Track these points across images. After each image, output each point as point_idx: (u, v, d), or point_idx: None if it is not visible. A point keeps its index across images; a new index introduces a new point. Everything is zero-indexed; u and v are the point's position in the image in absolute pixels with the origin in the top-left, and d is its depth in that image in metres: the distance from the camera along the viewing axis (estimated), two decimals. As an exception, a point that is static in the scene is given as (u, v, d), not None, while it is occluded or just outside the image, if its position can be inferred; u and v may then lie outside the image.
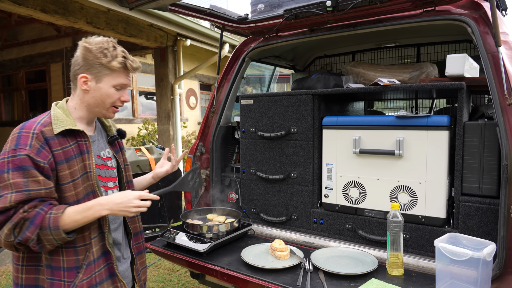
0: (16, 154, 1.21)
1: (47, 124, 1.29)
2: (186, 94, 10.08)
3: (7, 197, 1.19)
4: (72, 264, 1.30)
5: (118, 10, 5.04)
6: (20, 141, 1.23)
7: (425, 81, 2.04)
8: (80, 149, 1.35)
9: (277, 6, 2.36)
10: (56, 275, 1.28)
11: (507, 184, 1.50)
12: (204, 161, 2.61)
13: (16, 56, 8.53)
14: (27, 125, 1.28)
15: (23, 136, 1.24)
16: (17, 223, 1.19)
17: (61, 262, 1.29)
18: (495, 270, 1.51)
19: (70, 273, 1.29)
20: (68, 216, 1.24)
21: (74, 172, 1.31)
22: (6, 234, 1.20)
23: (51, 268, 1.29)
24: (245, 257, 1.84)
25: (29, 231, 1.20)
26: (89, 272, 1.33)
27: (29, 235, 1.20)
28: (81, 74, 1.34)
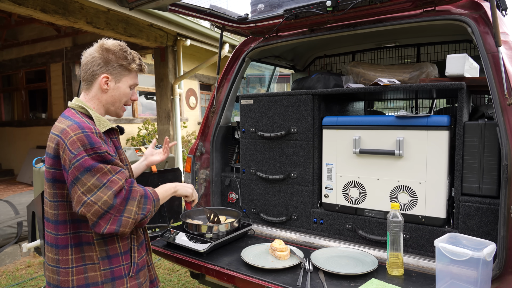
0: (96, 151, 1.27)
1: (94, 124, 1.37)
2: (186, 94, 10.08)
3: (115, 179, 1.28)
4: (126, 248, 1.41)
5: (118, 10, 5.04)
6: (92, 139, 1.28)
7: (425, 81, 2.04)
8: (115, 145, 1.46)
9: (277, 6, 2.36)
10: (114, 263, 1.37)
11: (507, 184, 1.50)
12: (204, 161, 2.61)
13: (16, 56, 8.52)
14: (84, 126, 1.30)
15: (91, 135, 1.29)
16: (138, 199, 1.32)
17: (118, 249, 1.38)
18: (495, 270, 1.51)
19: (126, 256, 1.41)
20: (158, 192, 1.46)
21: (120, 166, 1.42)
22: (134, 212, 1.30)
23: (108, 258, 1.36)
24: (245, 257, 1.84)
25: (148, 204, 1.36)
26: (144, 249, 1.51)
27: (149, 207, 1.36)
28: (103, 74, 1.42)
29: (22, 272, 3.67)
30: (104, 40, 1.45)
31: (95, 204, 1.23)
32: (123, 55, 1.44)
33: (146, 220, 1.37)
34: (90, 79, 1.43)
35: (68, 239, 1.34)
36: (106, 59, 1.42)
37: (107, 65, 1.42)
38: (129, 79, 1.48)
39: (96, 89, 1.44)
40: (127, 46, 1.49)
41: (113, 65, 1.43)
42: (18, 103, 8.97)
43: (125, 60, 1.44)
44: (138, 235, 1.48)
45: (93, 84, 1.43)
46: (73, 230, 1.34)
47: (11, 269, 3.74)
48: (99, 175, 1.26)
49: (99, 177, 1.26)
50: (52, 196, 1.35)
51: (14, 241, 3.94)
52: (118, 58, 1.43)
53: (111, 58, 1.42)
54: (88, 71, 1.42)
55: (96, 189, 1.24)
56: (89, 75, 1.43)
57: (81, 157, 1.25)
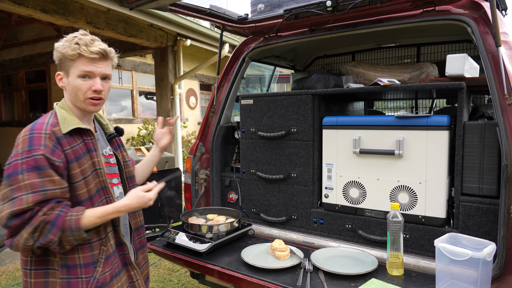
0: (31, 154, 1.21)
1: (55, 124, 1.30)
2: (186, 94, 10.08)
3: (22, 199, 1.18)
4: (88, 260, 1.32)
5: (118, 10, 5.04)
6: (34, 141, 1.23)
7: (425, 81, 2.04)
8: (87, 147, 1.37)
9: (277, 6, 2.36)
10: (72, 273, 1.29)
11: (507, 184, 1.50)
12: (204, 161, 2.61)
13: (16, 56, 8.52)
14: (36, 127, 1.27)
15: (35, 137, 1.24)
16: (37, 227, 1.19)
17: (77, 260, 1.30)
18: (495, 270, 1.51)
19: (87, 269, 1.31)
20: (88, 219, 1.27)
21: (84, 170, 1.33)
22: (25, 238, 1.19)
23: (67, 267, 1.29)
24: (245, 257, 1.84)
25: (52, 234, 1.20)
26: (110, 264, 1.37)
27: (51, 237, 1.20)
28: (57, 72, 1.38)
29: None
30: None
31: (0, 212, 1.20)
32: (64, 44, 1.33)
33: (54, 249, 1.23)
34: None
35: None
36: (56, 55, 1.36)
37: (59, 61, 1.36)
38: (74, 69, 1.33)
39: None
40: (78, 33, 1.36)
41: (60, 59, 1.35)
42: (18, 103, 8.97)
43: (63, 48, 1.32)
44: (108, 247, 1.38)
45: None
46: None
47: (11, 269, 3.74)
48: (14, 187, 1.19)
49: (13, 189, 1.19)
50: None
51: (14, 241, 3.94)
52: (59, 51, 1.34)
53: (56, 53, 1.35)
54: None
55: (5, 200, 1.19)
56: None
57: (13, 161, 1.22)
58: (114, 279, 1.39)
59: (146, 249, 1.68)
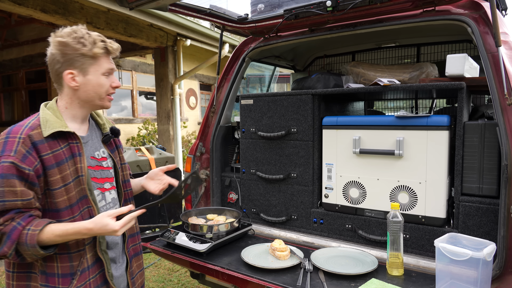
0: (1, 160, 1.15)
1: (35, 127, 1.23)
2: (186, 94, 10.08)
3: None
4: (66, 271, 1.25)
5: (118, 10, 5.04)
6: (6, 147, 1.17)
7: (425, 81, 2.04)
8: (71, 151, 1.28)
9: (277, 6, 2.36)
10: (50, 282, 1.24)
11: (507, 184, 1.50)
12: (204, 161, 2.61)
13: (16, 56, 8.52)
14: (14, 130, 1.21)
15: (9, 141, 1.18)
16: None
17: (55, 269, 1.24)
18: (495, 270, 1.51)
19: (65, 280, 1.25)
20: (47, 236, 1.18)
21: (66, 177, 1.25)
22: None
23: (45, 275, 1.24)
24: (245, 257, 1.84)
25: (6, 246, 1.15)
26: (83, 279, 1.28)
27: (6, 250, 1.15)
28: (66, 71, 1.26)
29: (22, 272, 3.67)
30: (58, 32, 1.26)
31: None
32: (80, 41, 1.24)
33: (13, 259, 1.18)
34: (57, 80, 1.29)
35: None
36: (63, 53, 1.24)
37: (67, 59, 1.25)
38: (97, 67, 1.29)
39: (66, 88, 1.29)
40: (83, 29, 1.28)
41: (73, 57, 1.24)
42: (18, 103, 8.97)
43: (83, 47, 1.24)
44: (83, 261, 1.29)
45: (62, 83, 1.29)
46: None
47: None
48: None
49: None
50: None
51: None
52: (74, 48, 1.24)
53: (67, 50, 1.24)
54: (52, 71, 1.28)
55: None
56: (54, 74, 1.29)
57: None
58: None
59: (141, 256, 1.59)
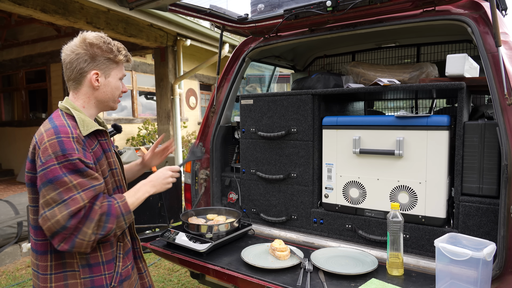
0: (67, 158, 1.20)
1: (76, 127, 1.29)
2: (186, 94, 10.08)
3: (76, 198, 1.19)
4: (110, 257, 1.36)
5: (118, 10, 5.05)
6: (65, 145, 1.21)
7: (425, 81, 2.04)
8: (102, 148, 1.39)
9: (277, 6, 2.36)
10: (95, 271, 1.32)
11: (507, 184, 1.50)
12: (204, 161, 2.61)
13: (16, 56, 8.52)
14: (61, 130, 1.24)
15: (65, 141, 1.22)
16: (97, 220, 1.23)
17: (99, 258, 1.33)
18: (495, 270, 1.51)
19: (109, 265, 1.35)
20: (130, 201, 1.34)
21: (104, 171, 1.36)
22: (89, 234, 1.21)
23: (89, 267, 1.31)
24: (245, 257, 1.84)
25: (110, 223, 1.26)
26: (130, 258, 1.45)
27: (111, 226, 1.26)
28: (92, 70, 1.35)
29: (22, 272, 3.67)
30: (85, 34, 1.36)
31: (49, 220, 1.17)
32: (108, 47, 1.37)
33: (110, 237, 1.32)
34: (78, 78, 1.36)
35: (48, 245, 1.29)
36: (92, 54, 1.34)
37: (95, 60, 1.35)
38: (117, 72, 1.42)
39: (86, 87, 1.37)
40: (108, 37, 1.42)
41: (100, 59, 1.36)
42: (18, 103, 8.97)
43: (111, 53, 1.37)
44: (125, 243, 1.44)
45: (83, 83, 1.36)
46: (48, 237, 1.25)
47: (11, 269, 3.74)
48: (61, 190, 1.19)
49: (61, 191, 1.19)
50: (32, 200, 1.31)
51: (14, 241, 3.94)
52: (104, 51, 1.36)
53: (97, 52, 1.35)
54: (75, 69, 1.34)
55: (54, 204, 1.18)
56: (77, 73, 1.35)
57: (48, 166, 1.19)
58: (132, 272, 1.46)
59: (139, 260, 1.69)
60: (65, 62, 1.35)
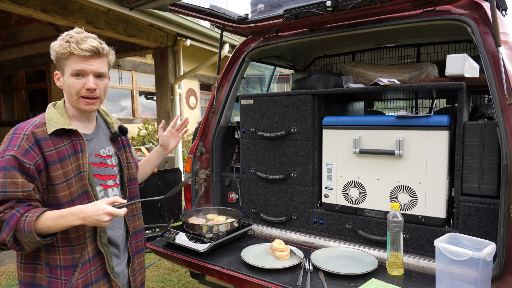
0: (4, 154, 1.22)
1: (40, 125, 1.30)
2: (186, 94, 10.08)
3: None
4: (68, 263, 1.30)
5: (118, 10, 5.04)
6: (11, 142, 1.25)
7: (425, 81, 2.04)
8: (74, 148, 1.34)
9: (277, 6, 2.35)
10: (53, 273, 1.29)
11: (507, 184, 1.50)
12: (204, 161, 2.61)
13: (16, 56, 8.53)
14: (21, 126, 1.29)
15: (15, 137, 1.26)
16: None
17: (58, 261, 1.29)
18: (495, 270, 1.51)
19: (67, 272, 1.30)
20: (42, 221, 1.22)
21: (68, 172, 1.30)
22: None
23: (49, 266, 1.30)
24: (245, 257, 1.84)
25: (4, 233, 1.19)
26: (85, 271, 1.33)
27: (4, 236, 1.19)
28: (56, 71, 1.38)
29: (22, 272, 3.67)
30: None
31: None
32: (61, 45, 1.31)
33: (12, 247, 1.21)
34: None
35: None
36: (52, 56, 1.36)
37: (55, 61, 1.35)
38: (68, 68, 1.32)
39: None
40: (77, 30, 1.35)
41: (55, 58, 1.34)
42: (18, 103, 8.98)
43: (58, 47, 1.31)
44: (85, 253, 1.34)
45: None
46: None
47: (11, 269, 3.74)
48: None
49: None
50: None
51: (14, 241, 3.94)
52: (57, 52, 1.32)
53: (53, 53, 1.34)
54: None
55: None
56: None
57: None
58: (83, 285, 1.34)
59: (143, 254, 1.64)
60: None
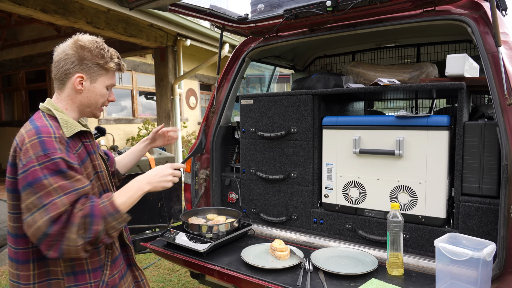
0: (49, 158, 1.14)
1: (58, 128, 1.25)
2: (186, 94, 10.08)
3: (57, 202, 1.12)
4: (96, 265, 1.30)
5: (118, 10, 5.04)
6: (46, 145, 1.16)
7: (425, 81, 2.04)
8: (87, 150, 1.35)
9: (277, 6, 2.35)
10: (80, 280, 1.26)
11: (507, 184, 1.50)
12: (204, 161, 2.61)
13: (16, 56, 8.53)
14: (42, 130, 1.19)
15: (46, 140, 1.17)
16: (79, 223, 1.14)
17: (85, 266, 1.28)
18: (495, 270, 1.51)
19: (96, 274, 1.30)
20: (119, 200, 1.25)
21: (89, 174, 1.31)
22: (73, 239, 1.13)
23: (74, 275, 1.25)
24: (245, 257, 1.84)
25: (95, 224, 1.16)
26: (117, 266, 1.38)
27: (96, 227, 1.16)
28: (77, 73, 1.30)
29: (22, 272, 3.67)
30: (79, 36, 1.33)
31: (31, 226, 1.11)
32: (100, 53, 1.32)
33: (102, 239, 1.20)
34: (63, 78, 1.32)
35: (30, 253, 1.23)
36: (81, 57, 1.30)
37: (82, 63, 1.30)
38: (106, 79, 1.36)
39: (69, 89, 1.33)
40: (104, 42, 1.37)
41: (89, 63, 1.31)
42: (18, 103, 8.98)
43: (102, 58, 1.33)
44: (113, 250, 1.37)
45: (66, 84, 1.32)
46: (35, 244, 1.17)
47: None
48: (41, 194, 1.12)
49: (41, 196, 1.12)
50: (12, 207, 1.24)
51: (14, 241, 3.93)
52: (94, 56, 1.31)
53: (86, 56, 1.30)
54: (61, 69, 1.30)
55: (35, 209, 1.11)
56: (62, 73, 1.31)
57: (28, 168, 1.13)
58: (122, 280, 1.39)
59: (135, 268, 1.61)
60: (55, 60, 1.32)
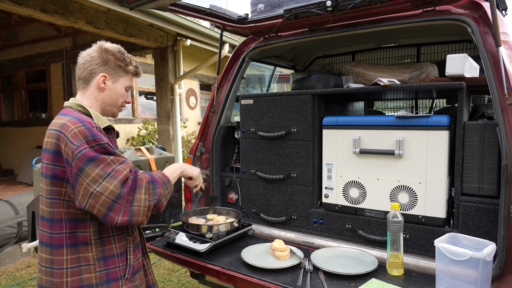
0: (99, 143, 1.28)
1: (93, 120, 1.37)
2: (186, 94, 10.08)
3: (119, 169, 1.27)
4: (122, 249, 1.41)
5: (118, 10, 5.04)
6: (93, 131, 1.29)
7: (425, 81, 2.04)
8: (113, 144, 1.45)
9: (277, 6, 2.36)
10: (110, 264, 1.36)
11: (507, 184, 1.50)
12: (204, 161, 2.61)
13: (16, 56, 8.52)
14: (84, 120, 1.31)
15: (92, 128, 1.30)
16: (145, 186, 1.31)
17: (114, 250, 1.38)
18: (495, 270, 1.51)
19: (122, 258, 1.40)
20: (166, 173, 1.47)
21: None
22: (144, 199, 1.29)
23: (104, 259, 1.35)
24: (245, 257, 1.84)
25: (158, 188, 1.36)
26: (140, 251, 1.51)
27: (160, 191, 1.36)
28: (101, 73, 1.45)
29: (22, 272, 3.68)
30: (102, 42, 1.50)
31: (102, 194, 1.21)
32: (122, 56, 1.49)
33: (162, 204, 1.38)
34: (88, 78, 1.45)
35: (64, 238, 1.31)
36: (104, 59, 1.45)
37: (106, 64, 1.45)
38: (125, 81, 1.52)
39: (93, 87, 1.46)
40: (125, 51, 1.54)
41: (111, 65, 1.46)
42: (18, 103, 8.97)
43: (123, 61, 1.49)
44: (134, 236, 1.49)
45: (90, 83, 1.46)
46: (69, 229, 1.31)
47: (11, 269, 3.74)
48: (103, 166, 1.25)
49: (103, 167, 1.25)
50: (49, 193, 1.32)
51: (14, 241, 3.94)
52: (116, 59, 1.47)
53: (109, 58, 1.46)
54: (86, 69, 1.44)
55: (101, 179, 1.23)
56: (87, 73, 1.44)
57: (83, 148, 1.25)
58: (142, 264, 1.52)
59: None
60: (80, 63, 1.46)
